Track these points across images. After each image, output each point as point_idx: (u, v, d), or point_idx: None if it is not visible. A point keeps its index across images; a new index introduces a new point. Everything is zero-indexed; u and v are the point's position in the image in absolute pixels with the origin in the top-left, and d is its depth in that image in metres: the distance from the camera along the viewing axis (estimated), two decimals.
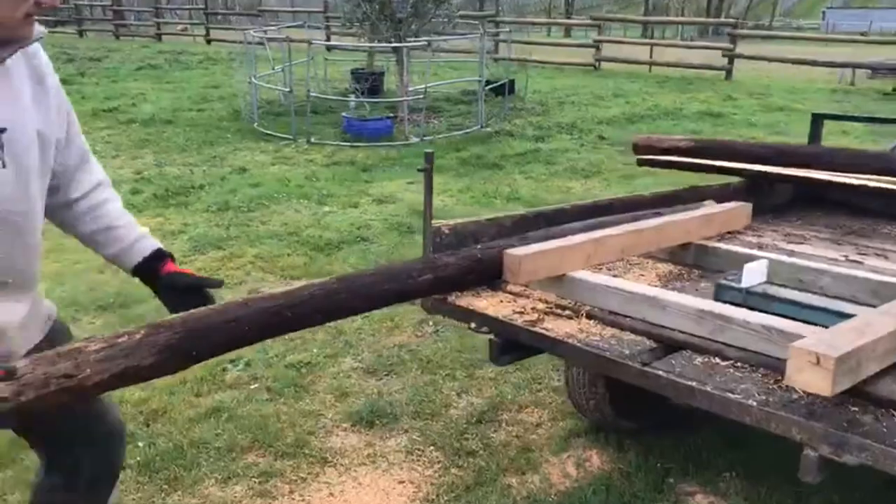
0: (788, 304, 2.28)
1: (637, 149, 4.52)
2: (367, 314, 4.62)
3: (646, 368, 2.04)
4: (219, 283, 2.05)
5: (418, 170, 2.53)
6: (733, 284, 2.39)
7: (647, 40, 20.86)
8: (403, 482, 3.08)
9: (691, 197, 3.48)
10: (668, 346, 2.17)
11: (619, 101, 13.06)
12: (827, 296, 2.41)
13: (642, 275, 2.75)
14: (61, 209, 1.88)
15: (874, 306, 2.37)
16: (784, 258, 2.64)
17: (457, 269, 2.40)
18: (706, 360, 2.07)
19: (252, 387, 3.78)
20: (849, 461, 1.72)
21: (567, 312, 2.38)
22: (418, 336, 4.37)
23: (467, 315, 2.44)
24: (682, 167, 4.09)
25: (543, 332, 2.25)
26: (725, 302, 2.34)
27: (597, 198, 7.59)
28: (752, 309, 2.24)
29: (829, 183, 3.54)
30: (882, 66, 16.18)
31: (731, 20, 18.35)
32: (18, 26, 1.53)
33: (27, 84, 1.65)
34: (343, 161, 8.81)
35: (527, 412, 3.57)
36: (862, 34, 27.60)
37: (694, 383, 1.95)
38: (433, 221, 2.61)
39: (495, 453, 3.24)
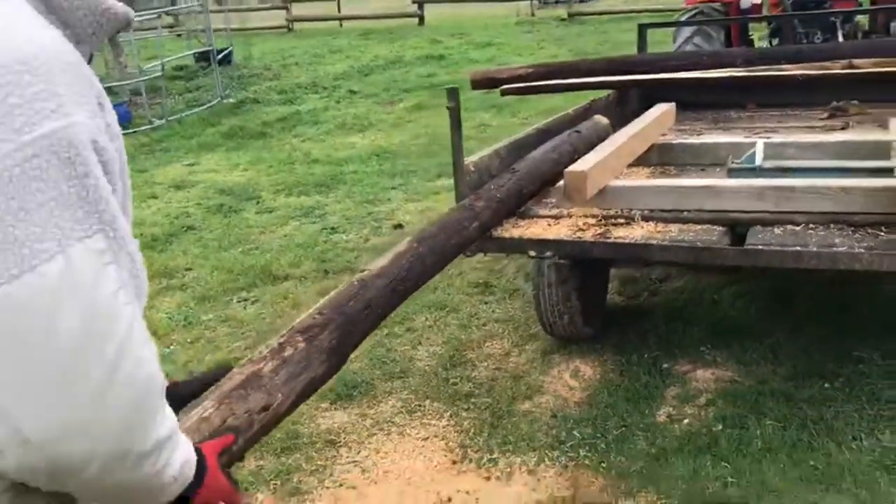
0: (803, 171, 2.57)
1: (476, 84, 4.68)
2: (255, 298, 4.35)
3: (747, 247, 2.21)
4: (227, 370, 1.48)
5: (447, 107, 2.42)
6: (746, 165, 2.64)
7: None
8: (428, 438, 2.99)
9: (587, 114, 3.71)
10: (737, 226, 2.36)
11: (339, 57, 13.06)
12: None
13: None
14: None
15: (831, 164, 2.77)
16: (769, 140, 2.94)
17: (491, 211, 2.39)
18: (783, 229, 2.29)
19: None
20: None
21: (622, 220, 2.46)
22: None
23: (526, 245, 2.45)
24: (545, 90, 4.31)
25: (623, 241, 2.32)
26: None
27: (383, 147, 7.62)
28: None
29: (698, 81, 3.91)
30: None
31: None
32: None
33: None
34: None
35: (489, 346, 3.61)
36: None
37: (798, 247, 2.16)
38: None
39: (492, 389, 3.26)
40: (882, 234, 2.15)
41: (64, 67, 0.76)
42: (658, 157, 3.07)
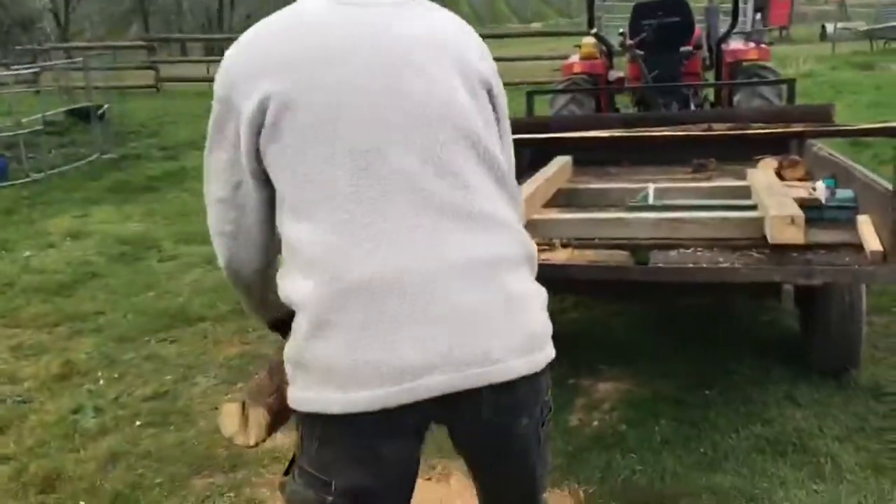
0: (687, 208, 3.12)
1: None
2: (174, 338, 4.48)
3: (650, 266, 2.70)
4: None
5: None
6: (643, 203, 3.16)
7: (204, 58, 21.00)
8: None
9: None
10: (638, 249, 2.85)
11: None
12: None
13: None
14: None
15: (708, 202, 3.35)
16: (660, 185, 3.49)
17: None
18: (677, 251, 2.80)
19: (130, 428, 3.52)
20: (816, 283, 2.60)
21: (545, 247, 2.91)
22: (246, 343, 4.39)
23: None
24: None
25: (549, 262, 2.76)
26: None
27: None
28: None
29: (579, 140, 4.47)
30: None
31: None
32: None
33: None
34: None
35: None
36: None
37: (691, 264, 2.67)
38: None
39: None
40: (753, 253, 2.70)
41: None
42: (565, 200, 3.57)
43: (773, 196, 2.89)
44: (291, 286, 1.35)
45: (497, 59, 1.71)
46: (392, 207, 1.31)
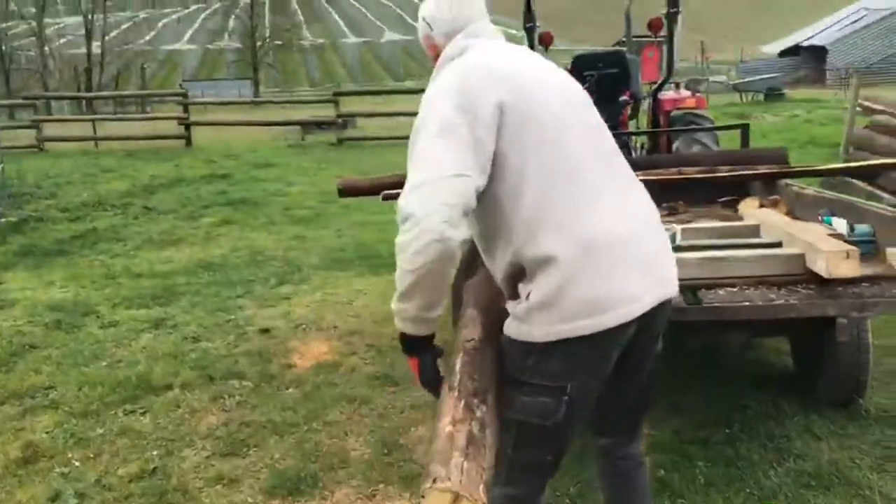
0: (710, 248, 3.14)
1: (342, 192, 4.98)
2: (143, 409, 4.15)
3: (705, 305, 2.69)
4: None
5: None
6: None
7: (89, 116, 20.07)
8: None
9: None
10: (683, 290, 2.83)
11: (115, 175, 12.58)
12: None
13: None
14: None
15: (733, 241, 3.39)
16: (685, 226, 3.50)
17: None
18: (724, 290, 2.80)
19: None
20: (870, 316, 2.65)
21: None
22: (225, 410, 4.09)
23: None
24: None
25: None
26: None
27: (205, 260, 7.43)
28: None
29: None
30: (312, 121, 18.59)
31: (181, 91, 18.86)
32: None
33: None
34: None
35: (416, 432, 3.77)
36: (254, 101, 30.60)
37: (747, 303, 2.68)
38: None
39: None
40: (801, 289, 2.74)
41: None
42: None
43: (806, 232, 2.96)
44: (540, 247, 1.79)
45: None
46: (605, 188, 1.89)
